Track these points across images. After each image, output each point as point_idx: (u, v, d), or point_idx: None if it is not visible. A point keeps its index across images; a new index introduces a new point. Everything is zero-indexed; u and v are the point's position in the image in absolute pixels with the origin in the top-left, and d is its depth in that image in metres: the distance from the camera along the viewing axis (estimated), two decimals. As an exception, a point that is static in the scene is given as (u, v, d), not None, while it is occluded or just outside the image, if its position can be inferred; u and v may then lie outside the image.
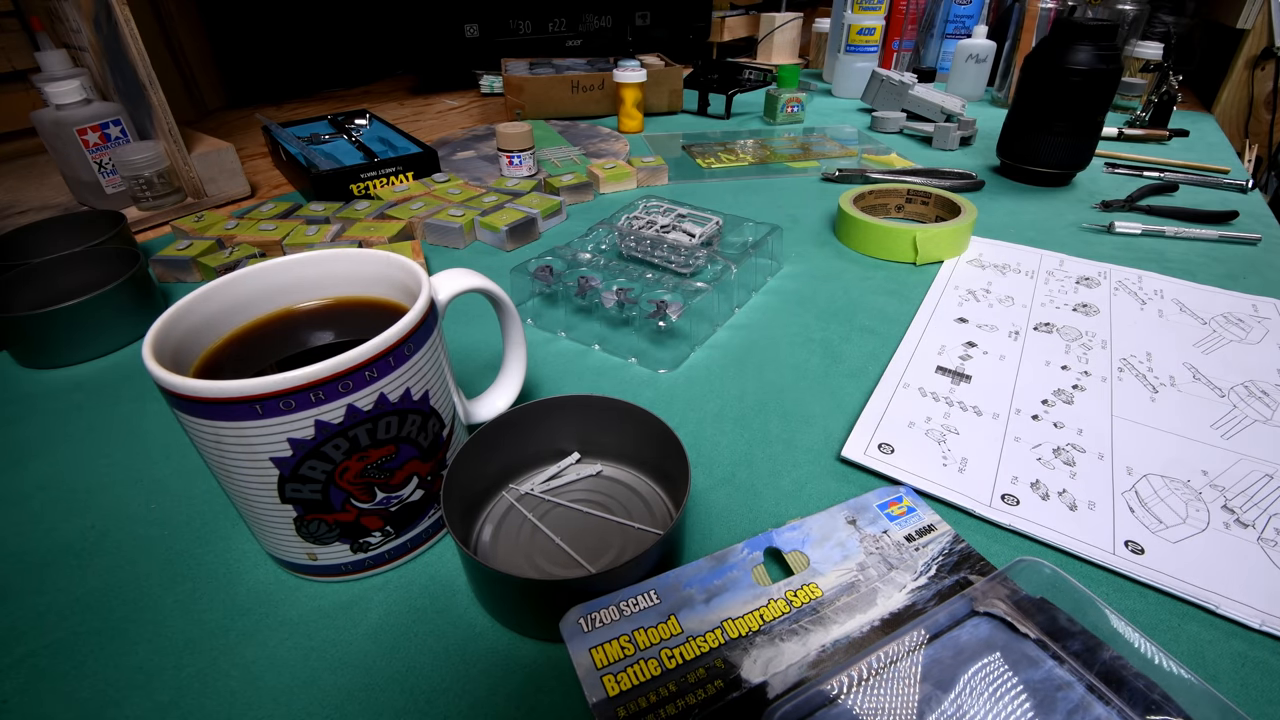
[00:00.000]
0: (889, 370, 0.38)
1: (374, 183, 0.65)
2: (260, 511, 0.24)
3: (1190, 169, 0.71)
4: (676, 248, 0.47)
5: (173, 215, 0.63)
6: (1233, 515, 0.29)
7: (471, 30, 1.07)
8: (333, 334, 0.28)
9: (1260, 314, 0.43)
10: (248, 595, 0.27)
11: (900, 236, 0.52)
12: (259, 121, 0.80)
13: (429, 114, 1.02)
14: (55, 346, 0.42)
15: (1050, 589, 0.24)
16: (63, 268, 0.47)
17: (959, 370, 0.38)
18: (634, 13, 1.18)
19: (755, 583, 0.24)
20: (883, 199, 0.60)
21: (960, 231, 0.52)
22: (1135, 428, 0.34)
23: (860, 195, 0.58)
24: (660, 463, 0.29)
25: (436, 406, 0.26)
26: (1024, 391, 0.37)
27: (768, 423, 0.36)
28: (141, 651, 0.25)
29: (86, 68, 0.65)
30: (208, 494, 0.32)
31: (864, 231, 0.54)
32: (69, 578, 0.28)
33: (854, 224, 0.54)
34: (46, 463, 0.34)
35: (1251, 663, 0.24)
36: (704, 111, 0.98)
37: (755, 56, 1.35)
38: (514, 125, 0.68)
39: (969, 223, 0.53)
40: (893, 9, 1.08)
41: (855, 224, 0.54)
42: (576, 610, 0.22)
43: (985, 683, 0.21)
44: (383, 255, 0.28)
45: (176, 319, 0.25)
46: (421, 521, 0.27)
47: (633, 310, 0.41)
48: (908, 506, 0.28)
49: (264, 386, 0.20)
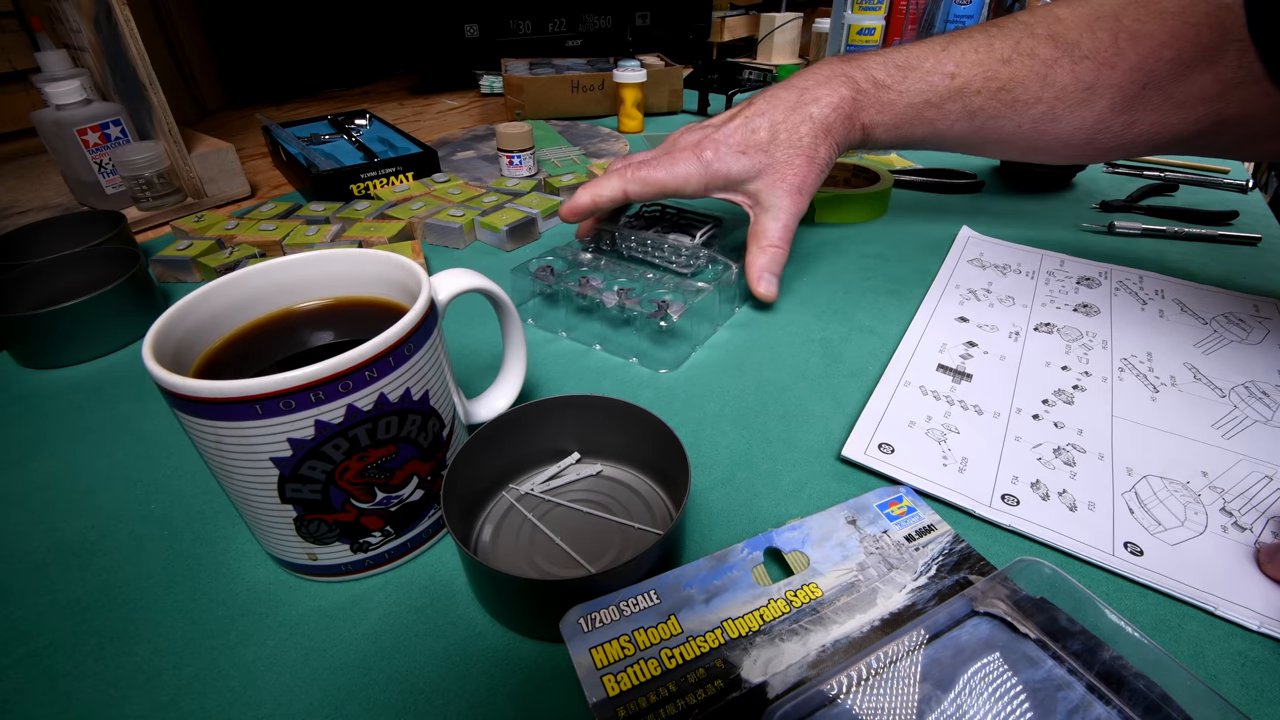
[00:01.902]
0: (890, 369, 0.38)
1: (374, 183, 0.65)
2: (260, 511, 0.24)
3: (1190, 169, 0.71)
4: (677, 248, 0.47)
5: (173, 215, 0.63)
6: (1231, 518, 0.29)
7: (471, 30, 1.07)
8: (333, 334, 0.28)
9: (1261, 314, 0.43)
10: (248, 595, 0.27)
11: None
12: (259, 121, 0.80)
13: (429, 114, 1.02)
14: (55, 346, 0.42)
15: (1050, 589, 0.24)
16: (63, 268, 0.47)
17: (960, 369, 0.38)
18: (634, 13, 1.18)
19: (755, 583, 0.24)
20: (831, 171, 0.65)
21: (859, 199, 0.59)
22: (1135, 428, 0.34)
23: None
24: (660, 463, 0.29)
25: (436, 406, 0.26)
26: (1024, 391, 0.36)
27: (768, 423, 0.36)
28: (141, 651, 0.25)
29: (86, 68, 0.65)
30: (208, 494, 0.32)
31: None
32: (69, 578, 0.28)
33: None
34: (46, 463, 0.34)
35: (1252, 662, 0.24)
36: (704, 111, 0.98)
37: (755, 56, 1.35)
38: (514, 125, 0.68)
39: (872, 193, 0.59)
40: (893, 9, 1.08)
41: None
42: (576, 610, 0.23)
43: (985, 683, 0.21)
44: (383, 255, 0.28)
45: (176, 319, 0.25)
46: (421, 521, 0.27)
47: (634, 310, 0.40)
48: (908, 506, 0.28)
49: (264, 386, 0.20)
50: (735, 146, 0.43)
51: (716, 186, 0.44)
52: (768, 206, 0.43)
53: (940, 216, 0.62)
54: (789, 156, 0.42)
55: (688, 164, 0.43)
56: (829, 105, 0.42)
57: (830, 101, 0.42)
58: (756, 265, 0.44)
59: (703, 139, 0.44)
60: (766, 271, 0.44)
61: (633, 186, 0.44)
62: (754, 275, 0.44)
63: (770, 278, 0.44)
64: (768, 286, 0.44)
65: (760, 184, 0.43)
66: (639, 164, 0.45)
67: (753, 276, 0.44)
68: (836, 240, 0.57)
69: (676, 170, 0.43)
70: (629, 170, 0.44)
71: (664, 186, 0.44)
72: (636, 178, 0.44)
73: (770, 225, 0.43)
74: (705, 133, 0.44)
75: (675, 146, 0.46)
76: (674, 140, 0.47)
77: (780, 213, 0.43)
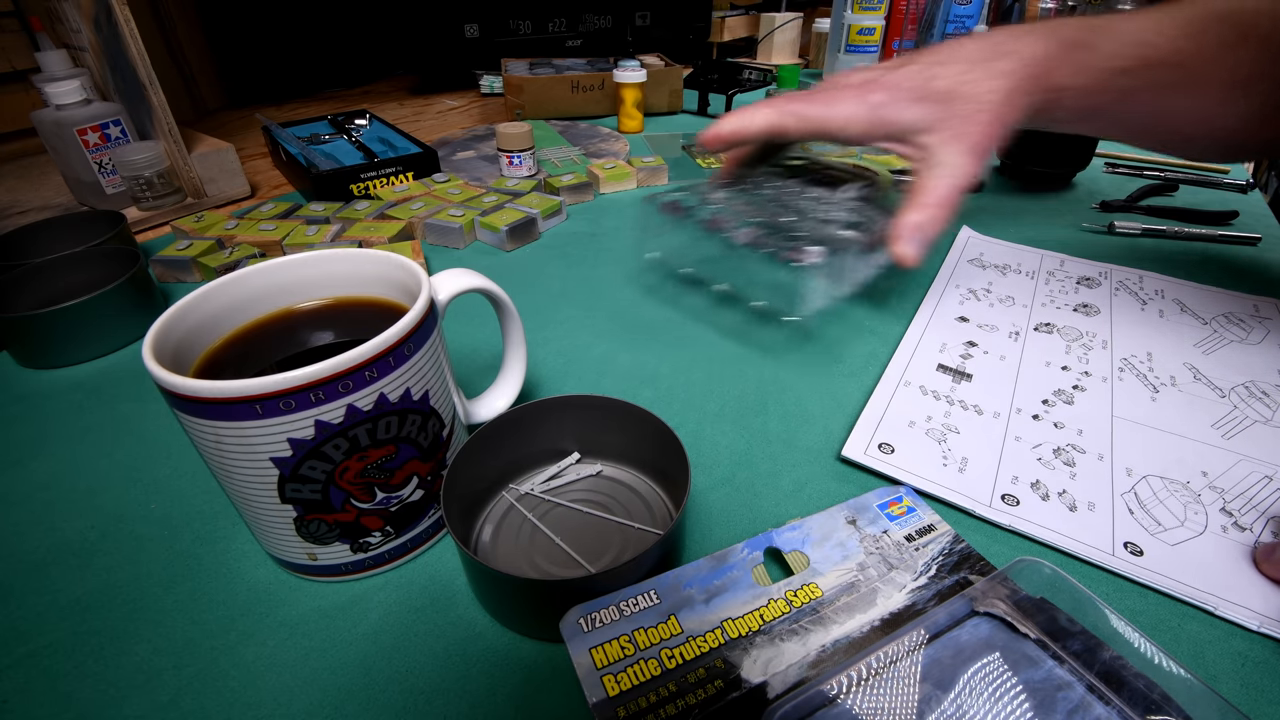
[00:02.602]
0: (890, 368, 0.38)
1: (374, 183, 0.65)
2: (260, 511, 0.24)
3: (1190, 169, 0.71)
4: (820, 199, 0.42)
5: (173, 215, 0.63)
6: (1231, 519, 0.29)
7: (471, 30, 1.07)
8: (333, 334, 0.28)
9: (1261, 314, 0.43)
10: (248, 595, 0.27)
11: None
12: (259, 121, 0.80)
13: (429, 114, 1.02)
14: (55, 346, 0.42)
15: (1050, 589, 0.24)
16: (63, 268, 0.47)
17: (960, 369, 0.38)
18: (634, 13, 1.18)
19: (755, 583, 0.24)
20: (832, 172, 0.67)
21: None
22: (1135, 428, 0.34)
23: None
24: (660, 463, 0.29)
25: (436, 406, 0.26)
26: (1024, 391, 0.36)
27: (768, 423, 0.36)
28: (141, 651, 0.25)
29: (86, 68, 0.65)
30: (208, 494, 0.32)
31: None
32: (69, 578, 0.28)
33: None
34: (46, 463, 0.34)
35: (1252, 662, 0.24)
36: (704, 111, 0.98)
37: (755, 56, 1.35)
38: (514, 125, 0.68)
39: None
40: (893, 9, 1.08)
41: None
42: (576, 610, 0.23)
43: (985, 683, 0.21)
44: (383, 255, 0.28)
45: (176, 319, 0.25)
46: (421, 521, 0.27)
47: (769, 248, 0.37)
48: (908, 506, 0.28)
49: (264, 386, 0.20)
50: (910, 93, 0.38)
51: (880, 134, 0.39)
52: (938, 163, 0.38)
53: (940, 216, 0.62)
54: (972, 112, 0.37)
55: (852, 104, 0.39)
56: (1022, 61, 0.37)
57: (1024, 57, 0.37)
58: (907, 222, 0.37)
59: (870, 80, 0.39)
60: (917, 231, 0.37)
61: (787, 120, 0.40)
62: (901, 231, 0.38)
63: (919, 239, 0.37)
64: (912, 246, 0.37)
65: (934, 138, 0.38)
66: (794, 97, 0.40)
67: (899, 233, 0.38)
68: (836, 240, 0.57)
69: (837, 109, 0.39)
70: (784, 103, 0.40)
71: (822, 125, 0.39)
72: (791, 110, 0.40)
73: (937, 183, 0.37)
74: (873, 74, 0.40)
75: (836, 86, 0.41)
76: (834, 81, 0.42)
77: (952, 171, 0.37)
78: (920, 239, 0.38)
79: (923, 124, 0.38)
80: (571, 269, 0.53)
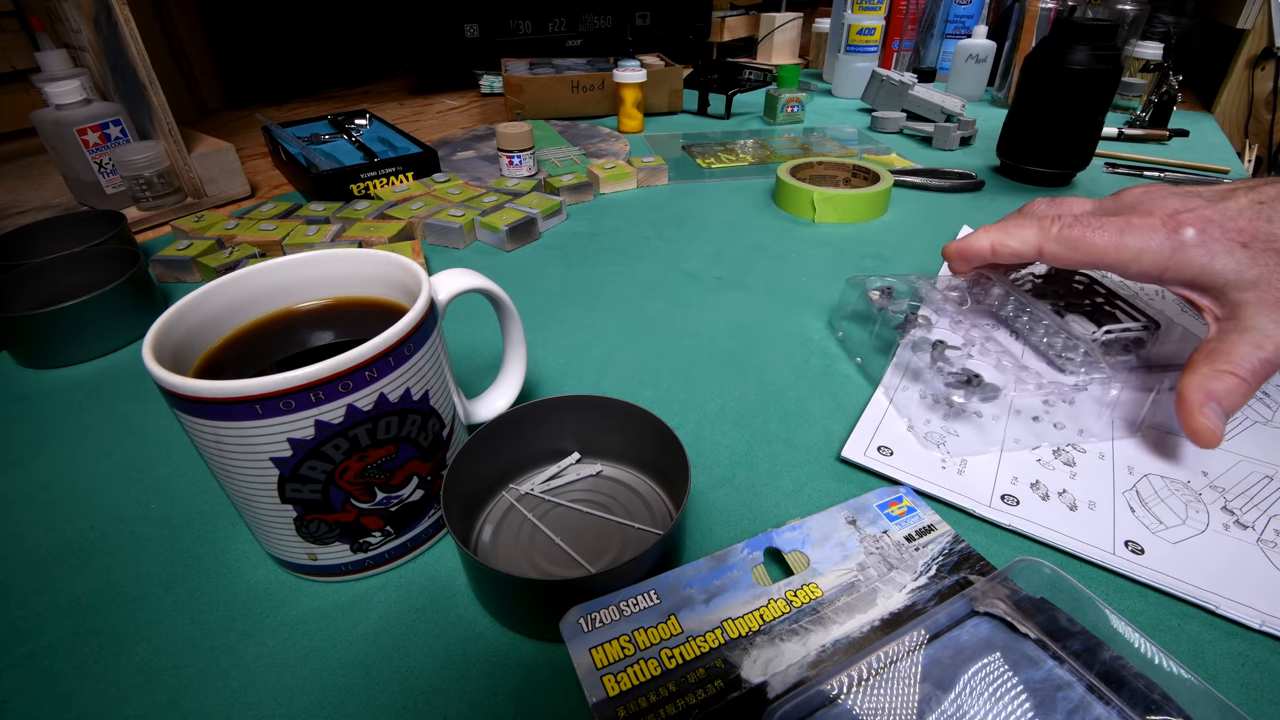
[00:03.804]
0: (890, 370, 0.38)
1: (374, 183, 0.65)
2: (260, 511, 0.24)
3: (1190, 169, 0.71)
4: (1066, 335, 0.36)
5: (173, 215, 0.63)
6: (1232, 516, 0.29)
7: (471, 30, 1.07)
8: (333, 334, 0.28)
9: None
10: (248, 595, 0.27)
11: (803, 195, 0.61)
12: (259, 121, 0.80)
13: (429, 114, 1.02)
14: (55, 346, 0.42)
15: (1050, 589, 0.24)
16: (63, 268, 0.47)
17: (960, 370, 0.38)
18: (634, 13, 1.18)
19: (755, 583, 0.24)
20: (831, 171, 0.68)
21: (859, 199, 0.60)
22: (1136, 428, 0.34)
23: (803, 166, 0.67)
24: (660, 463, 0.29)
25: (436, 406, 0.26)
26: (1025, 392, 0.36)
27: (768, 423, 0.36)
28: (141, 651, 0.25)
29: (86, 68, 0.65)
30: (208, 494, 0.32)
31: (783, 191, 0.64)
32: (69, 578, 0.28)
33: (781, 185, 0.64)
34: (46, 463, 0.34)
35: (1252, 662, 0.24)
36: (704, 111, 0.98)
37: (755, 56, 1.35)
38: (514, 125, 0.68)
39: (873, 193, 0.60)
40: (893, 9, 1.08)
41: (781, 185, 0.64)
42: (576, 610, 0.23)
43: (985, 683, 0.21)
44: (383, 255, 0.28)
45: (176, 319, 0.25)
46: (421, 521, 0.27)
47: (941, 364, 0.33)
48: (908, 507, 0.28)
49: (264, 386, 0.20)
50: (1236, 234, 0.30)
51: (1178, 277, 0.32)
52: (1252, 327, 0.30)
53: (940, 216, 0.62)
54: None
55: (1150, 235, 0.32)
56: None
57: None
58: (1204, 388, 0.30)
59: (1185, 210, 0.32)
60: (1215, 401, 0.30)
61: (1055, 247, 0.34)
62: (1194, 398, 0.30)
63: (1217, 411, 0.30)
64: (1213, 418, 0.30)
65: (1252, 295, 0.30)
66: (1074, 218, 0.34)
67: (1192, 399, 0.30)
68: (836, 240, 0.57)
69: (1129, 241, 0.32)
70: (1056, 224, 0.34)
71: (1102, 256, 0.33)
72: (1065, 238, 0.33)
73: (1246, 351, 0.30)
74: (1190, 203, 0.32)
75: (1135, 206, 0.34)
76: (1133, 197, 0.34)
77: (1267, 342, 0.30)
78: (1218, 410, 0.30)
79: (1238, 276, 0.30)
80: (571, 269, 0.53)
